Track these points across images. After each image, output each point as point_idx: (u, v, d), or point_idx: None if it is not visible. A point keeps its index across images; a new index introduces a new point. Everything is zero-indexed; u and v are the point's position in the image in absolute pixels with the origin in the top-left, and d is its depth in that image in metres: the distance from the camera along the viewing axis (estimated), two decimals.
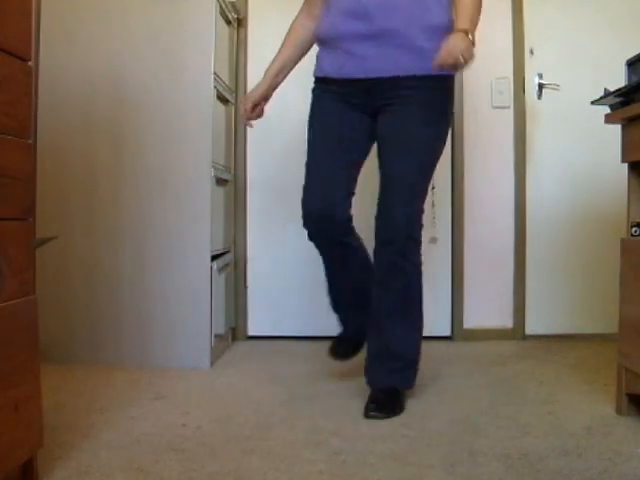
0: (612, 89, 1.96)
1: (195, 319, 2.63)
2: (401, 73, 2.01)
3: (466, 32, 1.87)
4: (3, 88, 1.31)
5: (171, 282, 2.64)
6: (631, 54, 1.97)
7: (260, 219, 3.26)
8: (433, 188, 3.18)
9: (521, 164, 3.23)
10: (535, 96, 3.20)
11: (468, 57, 1.84)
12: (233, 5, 3.02)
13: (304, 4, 2.29)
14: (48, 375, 2.23)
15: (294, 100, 3.25)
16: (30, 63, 1.42)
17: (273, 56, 3.24)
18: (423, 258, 3.33)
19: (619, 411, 1.96)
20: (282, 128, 3.25)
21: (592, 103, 2.08)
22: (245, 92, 3.25)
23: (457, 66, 1.85)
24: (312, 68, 2.27)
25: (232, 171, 3.18)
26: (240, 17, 3.16)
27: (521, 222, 3.23)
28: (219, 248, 2.86)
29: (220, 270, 2.83)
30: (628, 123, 1.92)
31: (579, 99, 3.01)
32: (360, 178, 2.19)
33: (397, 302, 2.07)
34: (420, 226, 2.08)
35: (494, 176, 3.23)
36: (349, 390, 2.30)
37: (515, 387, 2.32)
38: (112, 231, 2.66)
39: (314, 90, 2.25)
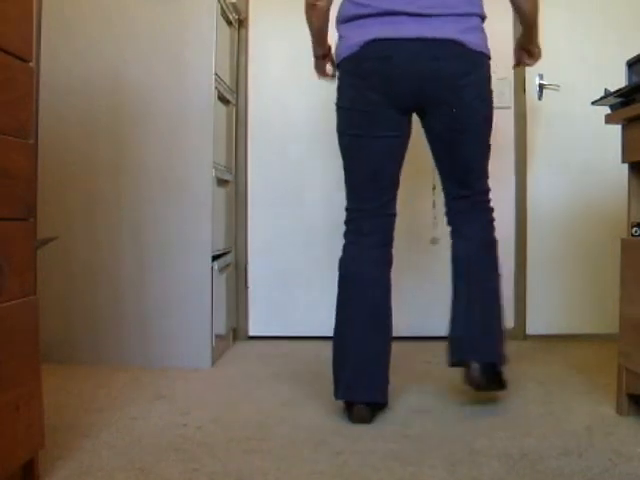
0: (612, 89, 1.97)
1: (196, 319, 2.64)
2: None
3: None
4: (4, 88, 1.31)
5: (172, 282, 2.64)
6: (631, 54, 1.97)
7: (261, 219, 3.27)
8: (434, 188, 3.18)
9: (522, 164, 3.23)
10: (536, 96, 3.20)
11: None
12: (234, 6, 3.03)
13: None
14: (49, 375, 2.23)
15: (295, 101, 3.26)
16: (31, 64, 1.42)
17: (274, 57, 3.26)
18: (424, 258, 3.35)
19: (620, 411, 1.96)
20: (283, 128, 3.26)
21: (593, 103, 2.08)
22: (246, 93, 3.26)
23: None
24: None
25: (233, 171, 3.18)
26: (241, 18, 3.16)
27: (522, 222, 3.23)
28: (220, 248, 2.87)
29: (221, 270, 2.83)
30: (628, 123, 1.92)
31: (580, 99, 3.01)
32: None
33: None
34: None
35: (495, 177, 3.17)
36: None
37: (516, 387, 2.32)
38: (113, 231, 2.66)
39: None
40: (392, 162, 2.06)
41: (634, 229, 1.92)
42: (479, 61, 1.98)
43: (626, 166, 1.98)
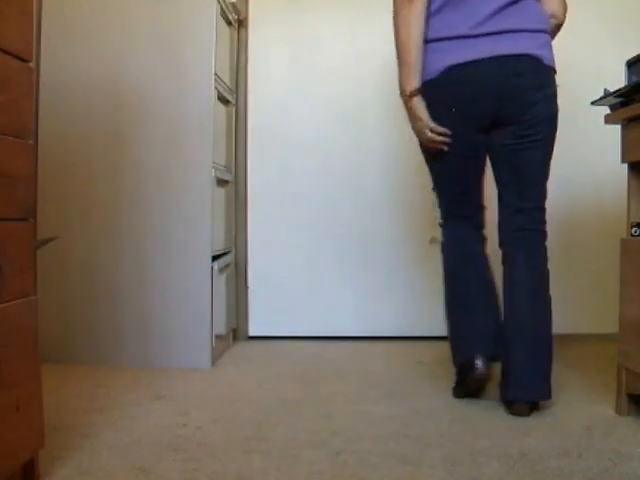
0: (612, 89, 1.97)
1: (196, 319, 2.63)
2: None
3: None
4: (4, 89, 1.31)
5: (172, 282, 2.64)
6: (631, 54, 1.97)
7: (261, 219, 3.27)
8: (434, 188, 3.18)
9: None
10: None
11: None
12: (234, 6, 3.03)
13: None
14: (48, 375, 2.23)
15: (295, 101, 3.26)
16: (31, 64, 1.42)
17: (273, 57, 3.27)
18: (424, 258, 3.34)
19: (619, 411, 1.96)
20: (283, 128, 3.26)
21: (592, 103, 2.08)
22: (246, 93, 3.26)
23: None
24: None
25: (233, 171, 3.18)
26: (241, 18, 3.16)
27: None
28: (220, 248, 2.87)
29: (221, 270, 2.83)
30: (628, 123, 1.93)
31: (579, 99, 3.01)
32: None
33: None
34: None
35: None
36: (350, 390, 2.30)
37: None
38: (112, 231, 2.66)
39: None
40: (474, 181, 2.19)
41: (634, 229, 1.92)
42: (551, 77, 2.03)
43: (626, 166, 1.98)
